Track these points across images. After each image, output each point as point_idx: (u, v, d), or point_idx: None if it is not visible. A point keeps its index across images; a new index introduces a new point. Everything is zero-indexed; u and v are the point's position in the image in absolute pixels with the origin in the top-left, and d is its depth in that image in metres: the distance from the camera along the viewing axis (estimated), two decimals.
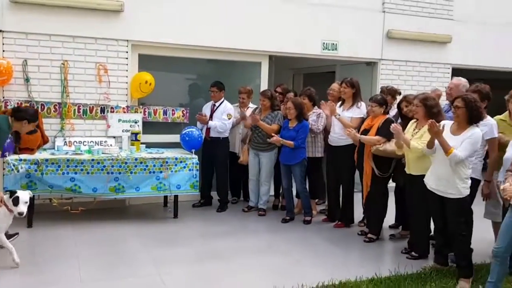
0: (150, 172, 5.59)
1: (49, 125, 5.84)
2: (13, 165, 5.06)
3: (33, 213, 5.28)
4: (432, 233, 4.77)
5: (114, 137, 6.18)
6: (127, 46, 6.15)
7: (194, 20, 6.40)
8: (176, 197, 5.87)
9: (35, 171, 5.17)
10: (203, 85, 6.89)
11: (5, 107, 5.56)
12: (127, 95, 6.22)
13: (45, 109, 5.81)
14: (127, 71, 6.18)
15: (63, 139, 5.91)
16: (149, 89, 6.16)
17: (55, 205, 5.51)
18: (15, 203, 4.09)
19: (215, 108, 6.32)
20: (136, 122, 6.27)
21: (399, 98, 5.64)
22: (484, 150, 4.54)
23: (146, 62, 6.37)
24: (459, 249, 4.23)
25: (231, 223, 5.84)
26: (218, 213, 6.25)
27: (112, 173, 5.44)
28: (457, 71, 7.61)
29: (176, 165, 5.69)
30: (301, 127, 5.74)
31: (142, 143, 6.10)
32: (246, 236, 5.44)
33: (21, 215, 4.13)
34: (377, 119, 5.21)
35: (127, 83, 6.19)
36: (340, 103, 5.87)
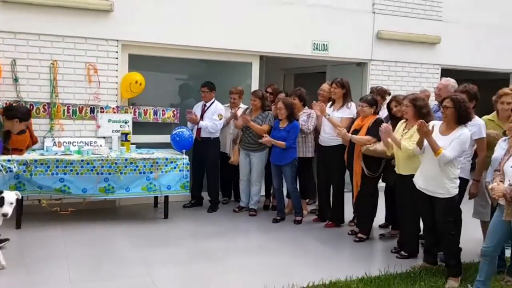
0: (140, 172, 5.57)
1: (38, 125, 5.78)
2: (1, 166, 5.00)
3: (22, 214, 5.24)
4: (421, 232, 4.81)
5: (104, 137, 6.14)
6: (117, 46, 6.12)
7: (184, 20, 6.39)
8: (166, 197, 5.84)
9: (24, 171, 5.12)
10: (193, 85, 6.87)
11: None
12: (117, 95, 6.19)
13: (34, 109, 5.74)
14: (117, 71, 6.15)
15: (52, 140, 5.86)
16: (139, 89, 6.14)
17: (44, 206, 5.47)
18: (0, 204, 4.04)
19: (206, 108, 6.31)
20: (126, 122, 6.24)
21: (388, 98, 5.68)
22: (472, 150, 4.57)
23: (136, 62, 6.34)
24: (448, 248, 4.27)
25: (222, 224, 5.83)
26: (208, 214, 6.24)
27: (102, 173, 5.41)
28: (446, 72, 7.69)
29: (166, 166, 5.68)
30: (292, 127, 5.75)
31: (132, 144, 6.07)
32: (236, 236, 5.44)
33: (5, 216, 4.04)
34: (367, 119, 5.24)
35: (117, 83, 6.16)
36: (330, 103, 5.89)
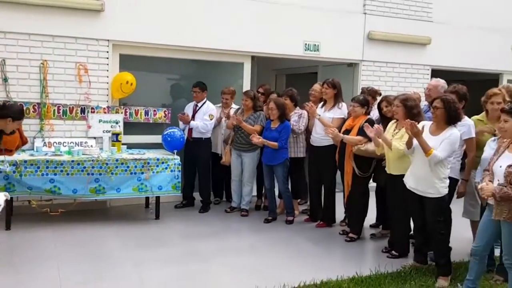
0: (131, 173, 5.55)
1: (28, 125, 5.72)
2: None
3: (12, 215, 5.19)
4: (412, 232, 4.84)
5: (94, 138, 6.11)
6: (107, 45, 6.09)
7: (176, 20, 6.37)
8: (157, 198, 5.82)
9: (14, 172, 5.08)
10: (185, 86, 6.85)
11: None
12: (108, 95, 6.16)
13: (24, 109, 5.70)
14: (107, 71, 6.12)
15: (42, 140, 5.82)
16: (130, 89, 6.11)
17: (34, 207, 5.42)
18: None
19: (198, 108, 6.30)
20: (117, 122, 6.21)
21: (379, 99, 5.70)
22: (462, 150, 4.61)
23: (127, 62, 6.32)
24: (438, 248, 4.30)
25: (214, 224, 5.83)
26: (200, 214, 6.23)
27: (92, 174, 5.38)
28: (436, 72, 7.75)
29: (157, 166, 5.66)
30: (284, 127, 5.75)
31: (123, 144, 6.04)
32: (228, 236, 5.44)
33: None
34: (358, 119, 5.26)
35: (108, 83, 6.13)
36: (321, 103, 5.91)
